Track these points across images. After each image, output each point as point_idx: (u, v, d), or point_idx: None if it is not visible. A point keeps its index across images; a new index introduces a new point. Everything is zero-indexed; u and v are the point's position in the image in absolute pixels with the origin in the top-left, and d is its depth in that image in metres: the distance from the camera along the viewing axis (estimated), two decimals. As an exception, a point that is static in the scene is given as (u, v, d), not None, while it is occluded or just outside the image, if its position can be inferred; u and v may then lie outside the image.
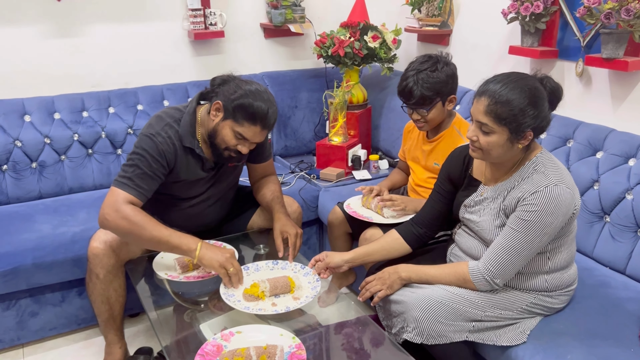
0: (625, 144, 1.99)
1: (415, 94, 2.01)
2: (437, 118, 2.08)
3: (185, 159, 1.91)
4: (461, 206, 1.75)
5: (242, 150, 1.85)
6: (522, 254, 1.55)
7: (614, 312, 1.70)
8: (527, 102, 1.49)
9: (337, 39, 2.81)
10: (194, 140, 1.90)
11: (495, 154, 1.56)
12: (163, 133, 1.85)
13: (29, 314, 2.20)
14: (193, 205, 2.02)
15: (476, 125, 1.56)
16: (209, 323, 1.66)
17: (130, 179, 1.79)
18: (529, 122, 1.50)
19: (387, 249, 1.83)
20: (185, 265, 1.83)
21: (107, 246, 1.87)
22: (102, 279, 1.89)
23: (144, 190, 1.81)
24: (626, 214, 1.90)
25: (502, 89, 1.50)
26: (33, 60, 2.67)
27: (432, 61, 2.03)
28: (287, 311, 1.60)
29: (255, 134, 1.82)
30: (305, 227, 2.69)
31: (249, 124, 1.79)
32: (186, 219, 2.02)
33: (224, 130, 1.83)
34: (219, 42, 3.06)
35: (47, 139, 2.57)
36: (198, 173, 1.96)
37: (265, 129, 1.83)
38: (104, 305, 1.93)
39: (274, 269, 1.82)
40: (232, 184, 2.12)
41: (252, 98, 1.78)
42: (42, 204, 2.48)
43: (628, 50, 1.99)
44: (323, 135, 3.11)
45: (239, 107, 1.79)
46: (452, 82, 2.06)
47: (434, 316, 1.56)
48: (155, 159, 1.82)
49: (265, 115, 1.79)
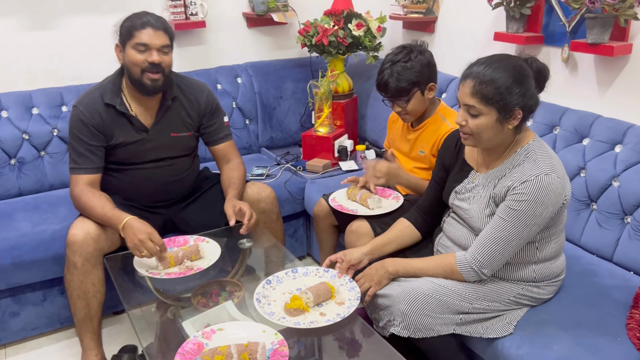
0: (612, 130, 1.97)
1: (391, 87, 1.99)
2: (418, 108, 2.06)
3: (112, 119, 1.98)
4: (452, 192, 1.72)
5: (153, 60, 1.89)
6: (511, 244, 1.53)
7: (601, 300, 1.69)
8: (512, 80, 1.47)
9: (321, 28, 2.77)
10: (115, 98, 1.97)
11: (486, 137, 1.53)
12: (85, 101, 1.96)
13: (9, 315, 2.16)
14: (145, 169, 2.05)
15: (464, 109, 1.53)
16: (192, 320, 1.63)
17: (74, 161, 1.95)
18: (516, 100, 1.48)
19: (401, 237, 1.82)
20: (166, 262, 1.79)
21: (85, 233, 1.86)
22: (79, 268, 1.86)
23: (90, 165, 1.95)
24: (613, 201, 1.89)
25: (485, 69, 1.48)
26: (8, 54, 2.60)
27: (405, 51, 2.01)
28: (341, 319, 1.53)
29: (150, 37, 1.89)
30: (291, 219, 2.66)
31: (139, 31, 1.88)
32: (144, 187, 2.07)
33: (128, 55, 1.91)
34: (201, 33, 3.00)
35: (25, 134, 2.51)
36: (131, 134, 2.01)
37: (157, 29, 1.90)
38: (81, 301, 1.90)
39: (296, 278, 1.74)
40: (183, 153, 2.13)
41: (129, 15, 1.93)
42: (22, 202, 2.43)
43: (613, 35, 1.97)
44: (309, 126, 3.07)
45: (124, 29, 1.91)
46: (429, 71, 2.03)
47: (421, 309, 1.54)
48: (82, 132, 1.94)
49: (147, 20, 1.89)
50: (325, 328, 1.52)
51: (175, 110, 2.06)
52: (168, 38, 1.93)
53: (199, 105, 2.11)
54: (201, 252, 1.87)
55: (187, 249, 1.87)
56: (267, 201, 2.18)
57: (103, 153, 1.98)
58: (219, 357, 1.34)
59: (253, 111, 3.03)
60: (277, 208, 2.24)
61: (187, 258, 1.84)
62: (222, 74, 2.97)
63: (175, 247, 1.93)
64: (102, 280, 1.93)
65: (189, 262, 1.83)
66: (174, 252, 1.84)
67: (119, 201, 2.01)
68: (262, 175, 2.66)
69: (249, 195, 2.16)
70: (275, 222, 2.23)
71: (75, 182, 1.94)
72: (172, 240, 1.96)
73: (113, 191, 2.04)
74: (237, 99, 2.97)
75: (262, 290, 1.66)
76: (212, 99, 2.16)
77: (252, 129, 3.05)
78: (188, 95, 2.09)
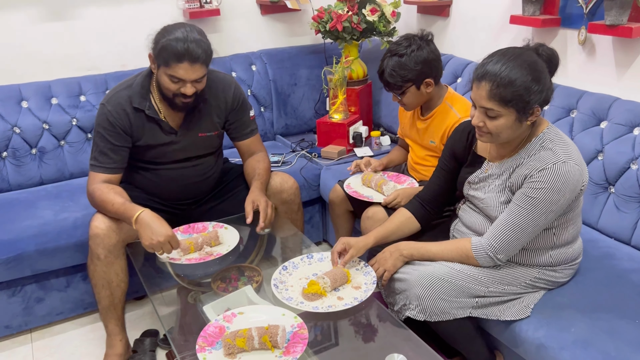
0: (630, 112, 1.95)
1: (385, 80, 2.01)
2: (414, 101, 2.06)
3: (141, 123, 1.94)
4: (465, 183, 1.72)
5: (186, 92, 1.84)
6: (527, 230, 1.53)
7: (619, 283, 1.69)
8: (530, 79, 1.44)
9: (335, 14, 2.76)
10: (144, 101, 1.93)
11: (505, 136, 1.52)
12: (113, 100, 1.92)
13: (34, 300, 2.22)
14: (171, 169, 2.04)
15: (480, 112, 1.50)
16: (212, 304, 1.66)
17: (95, 158, 1.93)
18: (535, 99, 1.46)
19: (402, 229, 1.81)
20: (186, 248, 1.83)
21: (107, 226, 1.88)
22: (103, 259, 1.89)
23: (111, 164, 1.93)
24: (631, 184, 1.88)
25: (502, 69, 1.44)
26: (28, 45, 2.64)
27: (405, 44, 1.98)
28: (359, 303, 1.56)
29: (187, 72, 1.80)
30: (307, 206, 2.68)
31: (175, 63, 1.79)
32: (170, 186, 2.05)
33: (162, 78, 1.85)
34: (215, 21, 3.01)
35: (45, 124, 2.55)
36: (159, 137, 1.98)
37: (195, 62, 1.79)
38: (105, 290, 1.93)
39: (312, 264, 1.76)
40: (209, 151, 2.11)
41: (169, 35, 1.78)
42: (44, 190, 2.48)
43: (632, 16, 1.94)
44: (323, 112, 3.07)
45: (162, 51, 1.79)
46: (425, 67, 1.97)
47: (437, 293, 1.56)
48: (108, 131, 1.90)
49: (186, 51, 1.76)
50: (343, 312, 1.55)
51: (204, 110, 2.02)
52: (205, 67, 1.85)
53: (227, 102, 2.06)
54: (220, 238, 1.90)
55: (207, 235, 1.90)
56: (290, 192, 2.18)
57: (127, 153, 1.96)
58: (241, 340, 1.37)
59: (268, 98, 3.05)
60: (299, 199, 2.24)
61: (206, 244, 1.87)
62: (236, 62, 2.98)
63: (194, 233, 1.96)
64: (125, 269, 1.96)
65: (208, 247, 1.86)
66: (193, 239, 1.87)
67: (144, 198, 2.02)
68: (277, 163, 2.68)
69: (272, 186, 2.15)
70: (296, 212, 2.24)
71: (92, 179, 1.93)
72: (191, 227, 1.99)
73: (138, 187, 2.05)
74: (251, 86, 2.99)
75: (279, 276, 1.69)
76: (239, 94, 2.10)
77: (267, 117, 3.07)
78: (216, 93, 2.03)
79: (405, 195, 2.00)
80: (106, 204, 1.86)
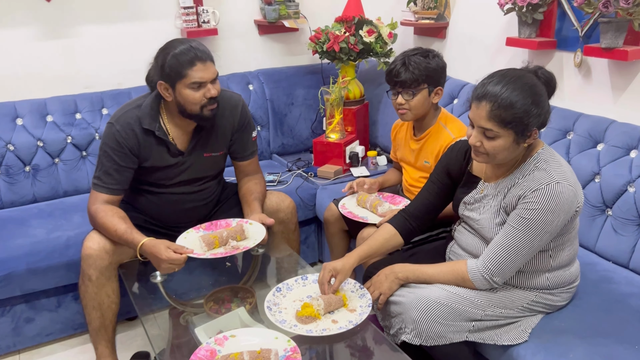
0: (627, 135, 1.94)
1: (402, 75, 1.99)
2: (421, 107, 2.04)
3: (149, 144, 1.92)
4: (460, 203, 1.71)
5: (212, 93, 1.84)
6: (522, 252, 1.51)
7: (617, 308, 1.67)
8: (530, 102, 1.44)
9: (332, 34, 2.77)
10: (154, 123, 1.90)
11: (501, 157, 1.52)
12: (122, 120, 1.89)
13: (24, 320, 2.18)
14: (174, 193, 2.01)
15: (478, 131, 1.50)
16: (204, 326, 1.63)
17: (99, 177, 1.89)
18: (534, 121, 1.46)
19: (385, 246, 1.79)
20: (210, 242, 1.80)
21: (100, 247, 1.85)
22: (94, 281, 1.86)
23: (114, 185, 1.89)
24: (628, 206, 1.86)
25: (502, 91, 1.44)
26: (24, 62, 2.64)
27: (422, 51, 2.03)
28: (354, 326, 1.53)
29: (203, 72, 1.81)
30: (303, 226, 2.66)
31: (190, 69, 1.79)
32: (170, 209, 2.02)
33: (184, 94, 1.82)
34: (213, 40, 3.02)
35: (40, 142, 2.54)
36: (166, 158, 1.95)
37: (206, 61, 1.82)
38: (96, 312, 1.90)
39: (306, 285, 1.73)
40: (212, 174, 2.09)
41: (171, 51, 1.80)
42: (37, 208, 2.45)
43: (628, 39, 1.95)
44: (320, 132, 3.07)
45: (172, 67, 1.79)
46: (442, 73, 2.04)
47: (433, 317, 1.53)
48: (115, 151, 1.87)
49: (194, 53, 1.79)
50: (337, 335, 1.52)
51: (212, 130, 2.00)
52: (215, 66, 1.87)
53: (234, 121, 2.04)
54: (246, 233, 1.87)
55: (232, 229, 1.87)
56: (287, 211, 2.17)
57: (131, 174, 1.92)
58: (232, 364, 1.34)
59: (264, 118, 3.04)
60: (296, 218, 2.22)
61: (232, 238, 1.83)
62: (233, 81, 2.99)
63: (217, 229, 1.93)
64: (117, 291, 1.93)
65: (234, 242, 1.83)
66: (218, 233, 1.84)
67: (142, 220, 2.00)
68: (273, 182, 2.66)
69: (269, 205, 2.14)
70: (292, 232, 2.22)
71: (94, 198, 1.89)
72: (213, 224, 1.97)
73: (138, 208, 2.03)
74: (248, 105, 2.97)
75: (273, 298, 1.66)
76: (245, 113, 2.08)
77: (264, 136, 3.06)
78: (223, 113, 1.99)
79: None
80: (108, 227, 1.83)
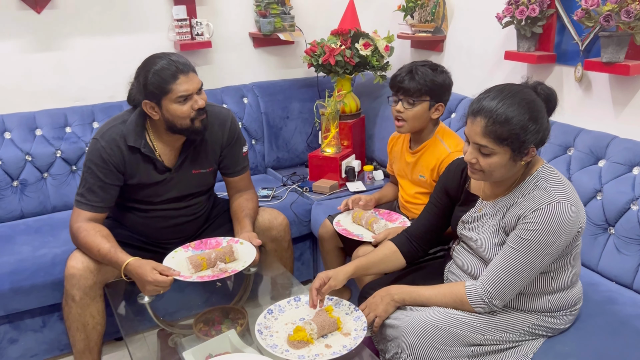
0: (629, 151, 1.89)
1: (406, 82, 1.95)
2: (419, 120, 2.00)
3: (135, 161, 1.87)
4: (459, 222, 1.66)
5: (200, 104, 1.80)
6: (522, 274, 1.45)
7: (622, 330, 1.61)
8: (527, 118, 1.39)
9: (328, 47, 2.73)
10: (139, 139, 1.85)
11: (498, 175, 1.46)
12: (107, 135, 1.84)
13: (8, 341, 2.11)
14: (162, 209, 1.96)
15: (474, 148, 1.45)
16: (192, 350, 1.56)
17: (82, 195, 1.84)
18: (532, 138, 1.41)
19: (385, 262, 1.73)
20: (198, 264, 1.74)
21: (84, 266, 1.80)
22: (78, 301, 1.80)
23: (98, 203, 1.84)
24: (632, 225, 1.81)
25: (498, 106, 1.39)
26: (12, 75, 2.58)
27: (432, 64, 2.00)
28: (348, 352, 1.47)
29: (187, 83, 1.77)
30: (297, 242, 2.60)
31: (173, 82, 1.75)
32: (158, 226, 1.97)
33: (171, 110, 1.78)
34: (207, 53, 2.97)
35: (28, 156, 2.48)
36: (153, 175, 1.90)
37: (188, 72, 1.78)
38: (80, 333, 1.83)
39: (299, 307, 1.67)
40: (201, 190, 2.03)
41: (151, 67, 1.76)
42: (24, 224, 2.39)
43: (629, 54, 1.91)
44: (316, 146, 3.02)
45: (155, 84, 1.75)
46: (446, 91, 2.01)
47: (430, 342, 1.47)
48: (99, 168, 1.82)
49: (175, 67, 1.75)
50: (331, 361, 1.45)
51: (200, 146, 1.96)
52: (198, 76, 1.83)
53: (222, 136, 2.00)
54: (235, 254, 1.80)
55: (221, 250, 1.80)
56: (280, 229, 2.11)
57: (117, 192, 1.88)
58: (219, 393, 1.28)
59: (259, 131, 3.00)
60: (289, 236, 2.17)
61: (220, 260, 1.77)
62: (228, 94, 2.94)
63: (207, 249, 1.86)
64: (102, 311, 1.87)
65: (222, 264, 1.76)
66: (206, 254, 1.77)
67: (129, 237, 1.94)
68: (267, 197, 2.61)
69: (261, 222, 2.09)
70: (286, 250, 2.17)
71: (76, 216, 1.84)
72: (203, 242, 1.91)
73: (125, 225, 1.98)
74: (243, 119, 2.94)
75: (264, 320, 1.59)
76: (235, 128, 2.04)
77: (258, 149, 3.01)
78: (212, 128, 1.95)
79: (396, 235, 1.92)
80: (91, 247, 1.78)
